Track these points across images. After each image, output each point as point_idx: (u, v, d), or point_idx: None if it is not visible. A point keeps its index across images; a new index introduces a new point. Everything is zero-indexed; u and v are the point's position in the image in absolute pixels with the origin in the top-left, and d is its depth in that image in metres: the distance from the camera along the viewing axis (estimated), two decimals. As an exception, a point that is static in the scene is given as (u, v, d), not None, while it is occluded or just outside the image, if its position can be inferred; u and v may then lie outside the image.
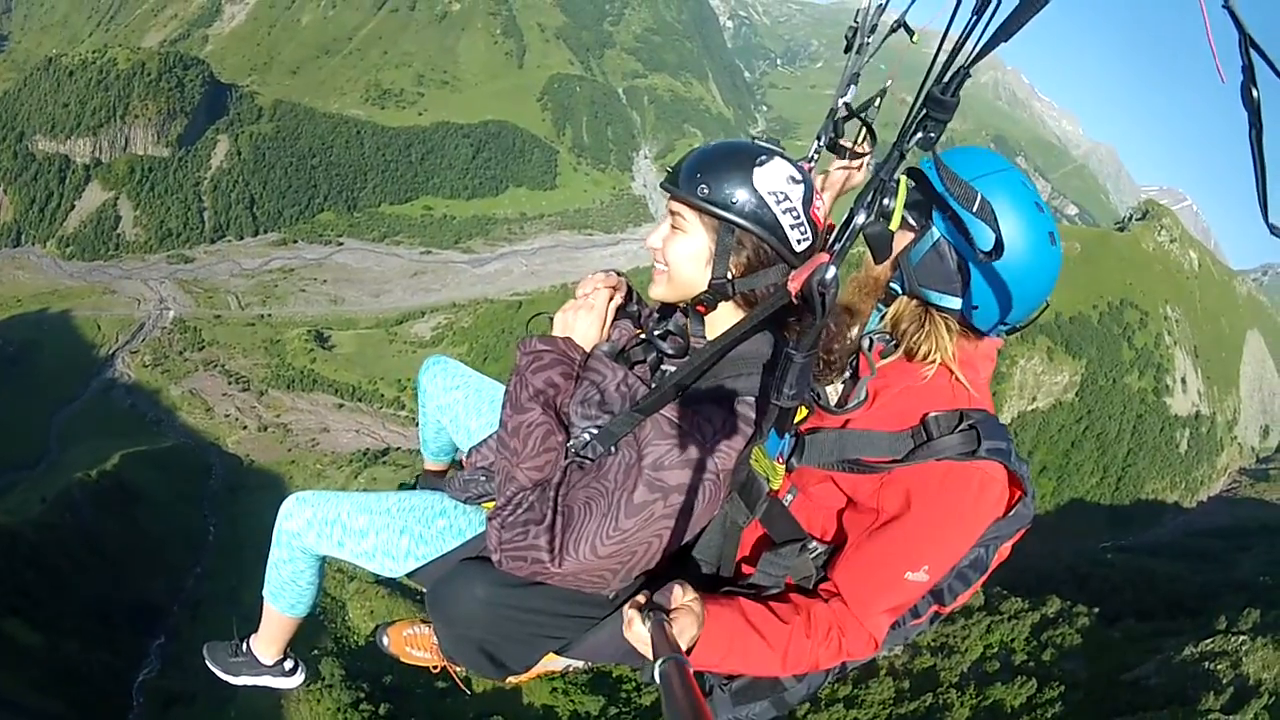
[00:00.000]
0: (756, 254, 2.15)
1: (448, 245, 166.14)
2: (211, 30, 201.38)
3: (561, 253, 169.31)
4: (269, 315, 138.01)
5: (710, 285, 2.20)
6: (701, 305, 2.26)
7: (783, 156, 2.15)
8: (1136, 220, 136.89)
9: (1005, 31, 1.26)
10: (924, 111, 1.43)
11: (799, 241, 2.14)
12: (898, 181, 1.70)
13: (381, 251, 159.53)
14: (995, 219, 2.10)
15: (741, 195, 2.09)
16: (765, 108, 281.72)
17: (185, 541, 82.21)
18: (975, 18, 1.30)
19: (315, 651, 60.26)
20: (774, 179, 2.11)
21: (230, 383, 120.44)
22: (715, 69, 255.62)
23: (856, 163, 3.11)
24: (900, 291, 2.31)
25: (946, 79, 1.40)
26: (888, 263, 2.27)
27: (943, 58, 1.38)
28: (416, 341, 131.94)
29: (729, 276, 2.17)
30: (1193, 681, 44.02)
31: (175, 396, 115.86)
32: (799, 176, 2.14)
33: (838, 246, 1.64)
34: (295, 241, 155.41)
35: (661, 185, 2.25)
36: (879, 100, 3.07)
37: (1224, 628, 49.15)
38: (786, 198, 2.11)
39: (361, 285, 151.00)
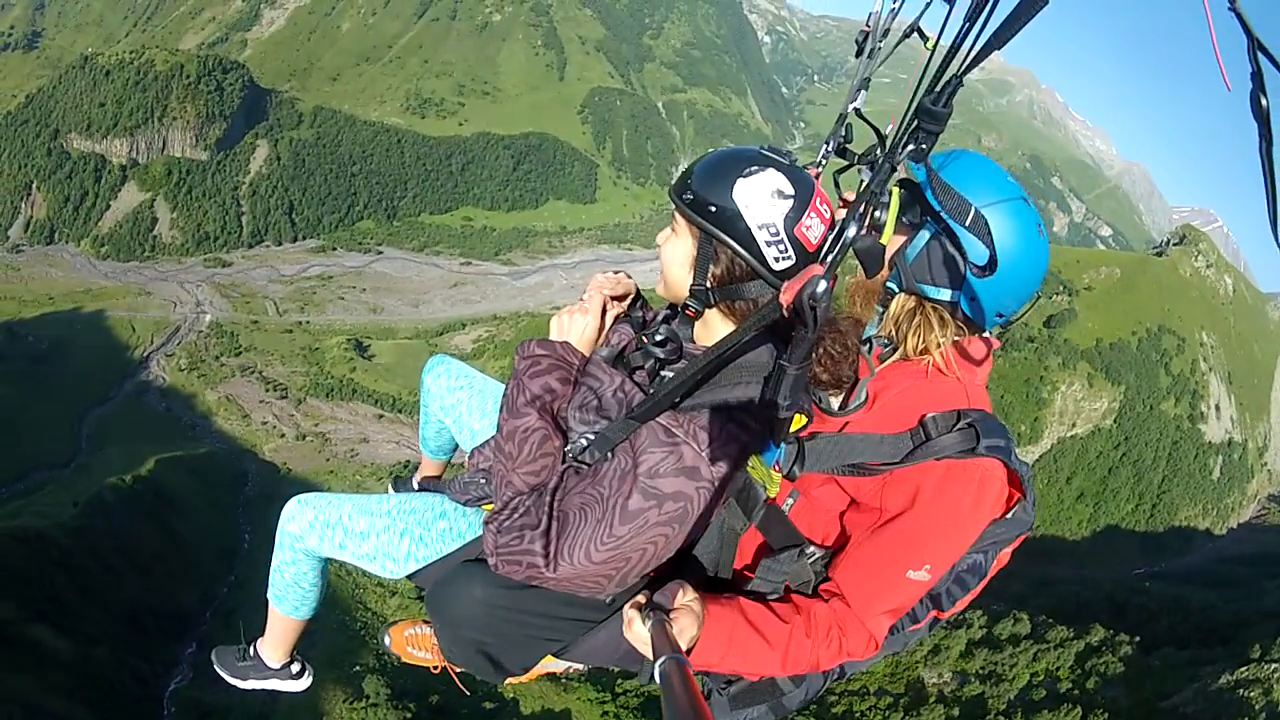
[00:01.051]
0: (731, 267, 2.13)
1: (488, 257, 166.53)
2: (250, 35, 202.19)
3: (601, 267, 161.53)
4: (307, 322, 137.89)
5: (690, 291, 2.22)
6: (689, 310, 2.27)
7: (780, 169, 2.09)
8: (1174, 245, 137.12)
9: (998, 39, 1.25)
10: (915, 123, 1.42)
11: (776, 260, 2.08)
12: (890, 194, 1.69)
13: (421, 261, 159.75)
14: (989, 234, 2.15)
15: (719, 206, 2.08)
16: (803, 124, 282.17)
17: (219, 549, 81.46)
18: (968, 25, 1.29)
19: (358, 668, 60.33)
20: (756, 192, 2.06)
21: (267, 389, 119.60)
22: (754, 84, 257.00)
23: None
24: (898, 289, 2.36)
25: (939, 88, 1.38)
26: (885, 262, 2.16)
27: (934, 67, 1.38)
28: (457, 353, 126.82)
29: (707, 285, 2.18)
30: (1227, 709, 44.89)
31: (211, 401, 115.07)
32: (789, 191, 2.07)
33: (829, 259, 1.63)
34: (334, 249, 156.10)
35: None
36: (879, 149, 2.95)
37: (1257, 656, 50.01)
38: (765, 212, 2.06)
39: (401, 295, 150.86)
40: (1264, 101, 1.10)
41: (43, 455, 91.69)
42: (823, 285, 1.60)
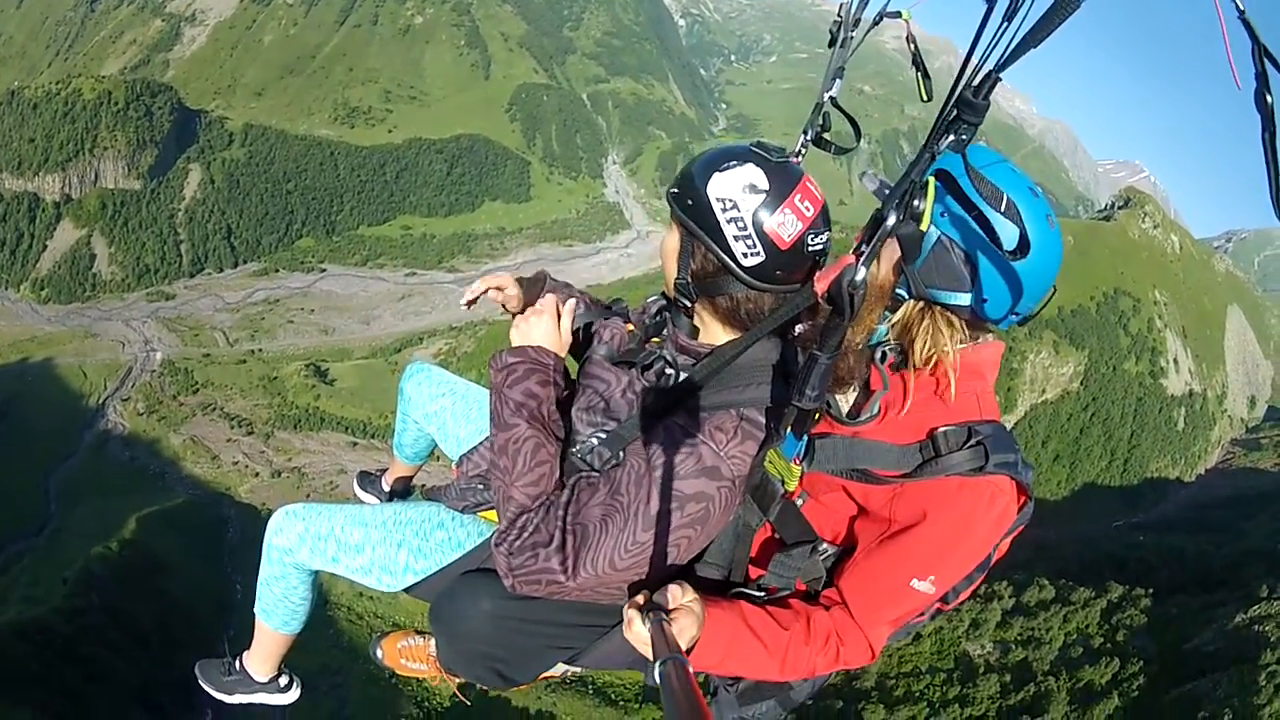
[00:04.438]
0: (705, 261, 2.21)
1: (431, 265, 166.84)
2: (172, 55, 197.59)
3: (544, 265, 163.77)
4: (260, 350, 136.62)
5: (674, 285, 2.31)
6: (679, 303, 2.35)
7: (760, 163, 2.15)
8: (1120, 209, 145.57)
9: (1035, 37, 1.31)
10: (955, 113, 1.47)
11: (744, 255, 2.13)
12: (926, 182, 1.76)
13: (366, 276, 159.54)
14: (1021, 217, 2.18)
15: (694, 199, 2.16)
16: (724, 105, 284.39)
17: (213, 604, 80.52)
18: (1006, 23, 1.34)
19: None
20: (728, 186, 2.12)
21: (233, 427, 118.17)
22: (675, 69, 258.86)
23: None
24: (907, 296, 2.36)
25: (978, 82, 1.43)
26: (891, 268, 2.34)
27: (975, 60, 1.42)
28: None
29: (688, 280, 2.26)
30: (1245, 644, 51.09)
31: (176, 446, 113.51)
32: (762, 186, 2.11)
33: (866, 249, 1.65)
34: (277, 271, 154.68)
35: None
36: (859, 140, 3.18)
37: (1265, 595, 56.54)
38: (734, 206, 2.11)
39: (350, 312, 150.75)
40: (1268, 98, 1.23)
41: (14, 525, 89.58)
42: (861, 273, 1.64)
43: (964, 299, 2.28)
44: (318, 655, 71.66)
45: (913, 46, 2.85)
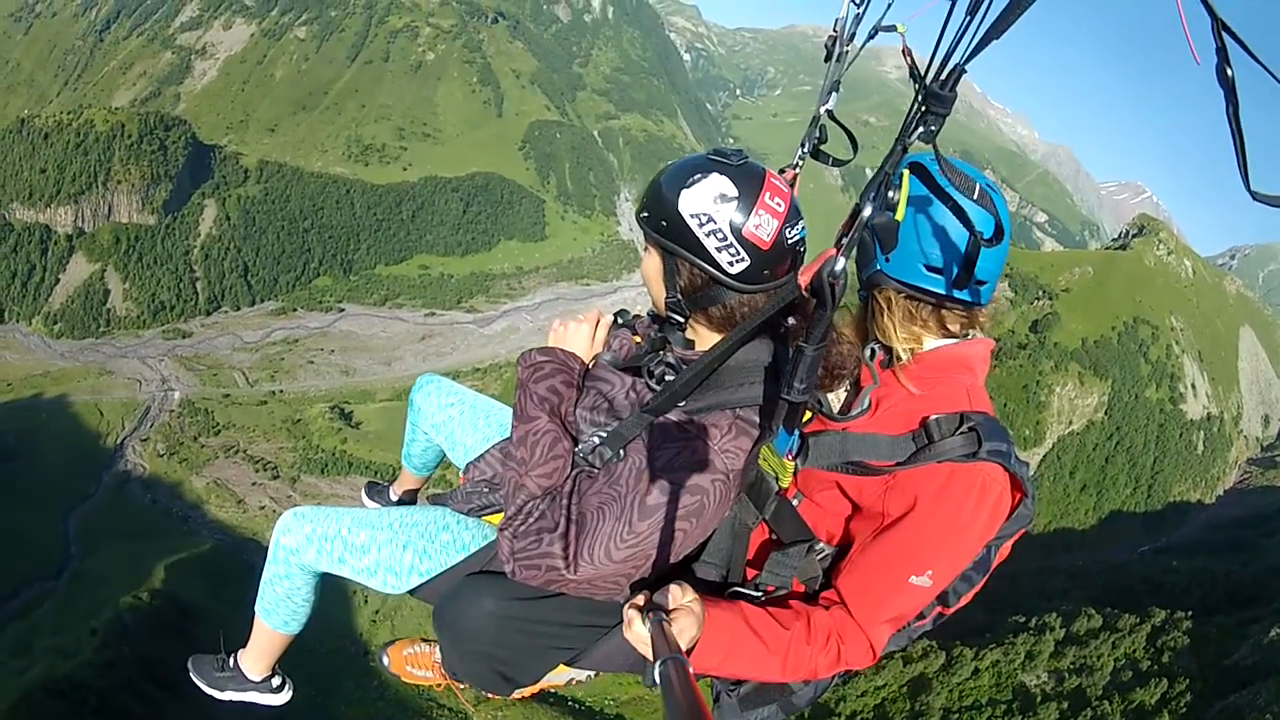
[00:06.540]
0: (693, 276, 2.28)
1: (450, 305, 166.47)
2: (183, 88, 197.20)
3: (563, 305, 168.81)
4: (281, 391, 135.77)
5: (665, 304, 2.41)
6: (671, 320, 2.45)
7: (725, 171, 2.21)
8: (1134, 236, 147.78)
9: (997, 30, 1.36)
10: (924, 107, 1.52)
11: (730, 264, 2.20)
12: (901, 175, 1.83)
13: (385, 316, 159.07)
14: (994, 205, 2.29)
15: (668, 219, 2.22)
16: (731, 139, 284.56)
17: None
18: (969, 17, 1.39)
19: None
20: (699, 200, 2.17)
21: (257, 470, 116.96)
22: (683, 105, 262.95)
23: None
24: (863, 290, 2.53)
25: (944, 75, 1.49)
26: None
27: (940, 54, 1.48)
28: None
29: (680, 297, 2.34)
30: (1280, 657, 53.10)
31: (199, 488, 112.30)
32: (732, 193, 2.17)
33: (845, 240, 1.71)
34: (295, 310, 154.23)
35: None
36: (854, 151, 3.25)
37: (1297, 609, 58.56)
38: (710, 219, 2.16)
39: (371, 353, 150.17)
40: (1229, 72, 1.26)
41: (31, 567, 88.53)
42: (841, 263, 1.71)
43: (879, 264, 2.45)
44: (363, 706, 71.84)
45: (909, 59, 2.77)
